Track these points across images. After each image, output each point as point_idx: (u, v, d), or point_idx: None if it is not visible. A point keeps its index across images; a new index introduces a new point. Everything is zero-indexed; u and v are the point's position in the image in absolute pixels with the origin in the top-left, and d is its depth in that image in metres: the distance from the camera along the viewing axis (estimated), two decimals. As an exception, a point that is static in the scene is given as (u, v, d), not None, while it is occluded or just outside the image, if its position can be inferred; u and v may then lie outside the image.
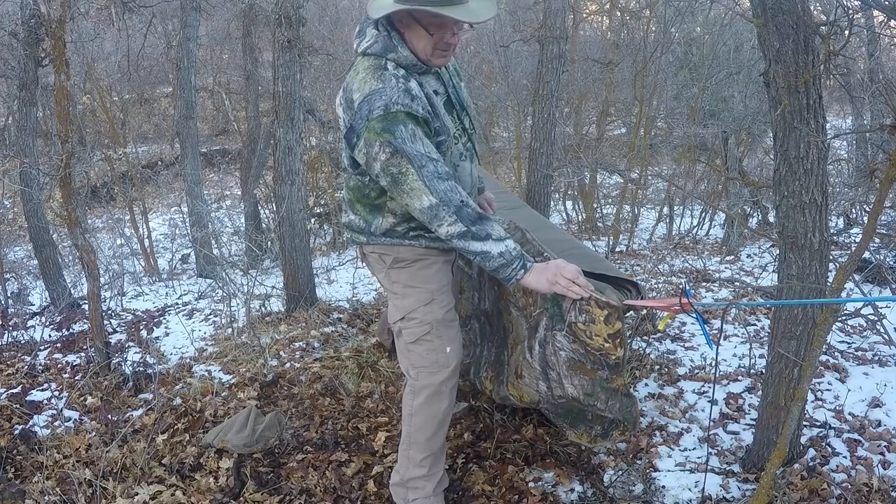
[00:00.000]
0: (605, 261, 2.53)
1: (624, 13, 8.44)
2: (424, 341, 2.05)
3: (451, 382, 2.08)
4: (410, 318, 2.05)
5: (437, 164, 1.79)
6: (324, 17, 10.73)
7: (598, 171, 7.77)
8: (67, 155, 3.27)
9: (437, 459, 2.16)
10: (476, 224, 1.78)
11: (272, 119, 5.39)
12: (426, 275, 2.03)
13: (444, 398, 2.08)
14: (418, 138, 1.78)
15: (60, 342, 4.03)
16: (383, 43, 1.85)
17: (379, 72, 1.82)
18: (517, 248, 1.81)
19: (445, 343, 2.04)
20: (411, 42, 1.86)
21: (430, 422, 2.09)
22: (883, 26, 5.38)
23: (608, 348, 1.85)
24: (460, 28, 1.89)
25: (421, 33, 1.83)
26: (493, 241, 1.78)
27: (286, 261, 4.52)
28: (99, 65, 10.48)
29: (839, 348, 3.20)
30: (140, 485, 2.40)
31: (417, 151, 1.76)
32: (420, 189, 1.76)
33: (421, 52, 1.87)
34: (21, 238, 7.59)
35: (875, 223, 1.77)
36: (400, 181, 1.77)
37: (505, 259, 1.79)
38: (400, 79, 1.82)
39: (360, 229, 2.06)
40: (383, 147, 1.75)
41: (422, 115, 1.81)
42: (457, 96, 2.01)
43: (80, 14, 7.09)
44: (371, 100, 1.76)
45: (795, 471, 2.24)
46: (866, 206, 5.16)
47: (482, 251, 1.79)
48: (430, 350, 2.05)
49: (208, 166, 11.82)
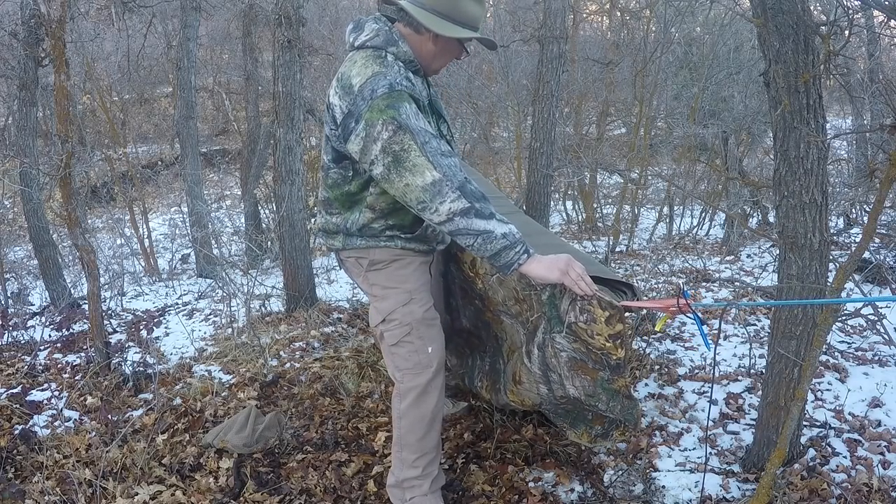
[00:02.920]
0: (599, 264, 2.54)
1: (624, 13, 8.44)
2: (406, 343, 2.04)
3: (436, 381, 2.07)
4: (390, 319, 2.04)
5: (440, 142, 1.78)
6: (324, 17, 10.73)
7: (598, 171, 7.77)
8: (67, 155, 3.27)
9: (431, 459, 2.15)
10: (480, 201, 1.74)
11: (272, 119, 5.39)
12: (403, 274, 2.03)
13: (430, 398, 2.08)
14: (420, 117, 1.78)
15: (60, 342, 4.03)
16: (385, 37, 1.88)
17: (380, 59, 1.84)
18: (520, 232, 1.77)
19: (427, 343, 2.04)
20: (417, 50, 1.93)
21: (419, 423, 2.09)
22: (883, 26, 5.38)
23: (609, 348, 1.85)
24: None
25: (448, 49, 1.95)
26: (496, 220, 1.73)
27: (286, 261, 4.52)
28: (99, 65, 10.48)
29: (839, 348, 3.20)
30: (140, 485, 2.40)
31: (421, 128, 1.75)
32: (424, 164, 1.72)
33: (434, 65, 1.97)
34: (21, 238, 7.59)
35: (875, 223, 1.77)
36: (402, 158, 1.73)
37: (508, 241, 1.73)
38: (398, 68, 1.86)
39: (335, 230, 2.05)
40: (386, 125, 1.73)
41: (422, 100, 1.85)
42: (437, 103, 2.05)
43: (80, 14, 7.10)
44: (375, 81, 1.77)
45: (795, 471, 2.24)
46: (866, 206, 5.17)
47: (485, 230, 1.72)
48: (412, 352, 2.04)
49: (208, 166, 11.82)
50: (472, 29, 1.91)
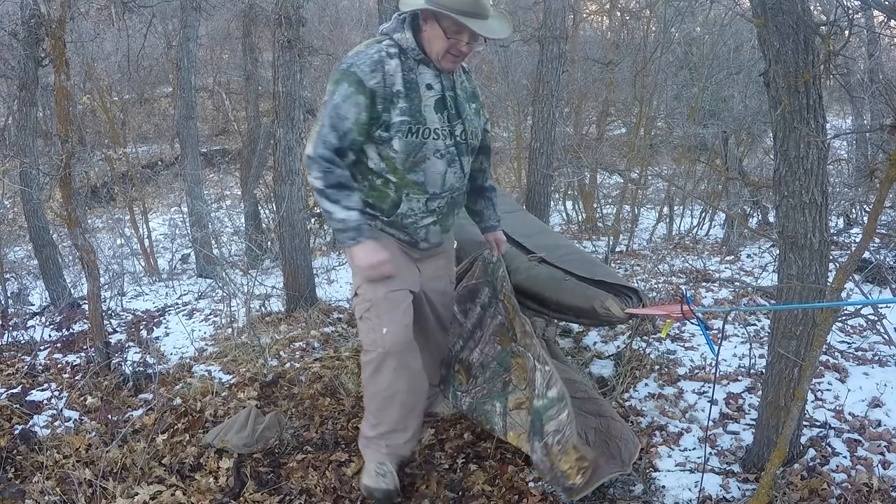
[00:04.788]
0: (605, 266, 2.54)
1: (624, 13, 8.43)
2: (366, 318, 2.18)
3: (389, 363, 2.16)
4: (358, 293, 2.20)
5: (340, 131, 1.98)
6: (324, 17, 10.74)
7: (598, 171, 7.76)
8: (67, 155, 3.27)
9: (387, 432, 2.26)
10: (333, 188, 2.00)
11: (272, 119, 5.39)
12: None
13: (383, 377, 2.18)
14: (351, 102, 1.97)
15: (60, 342, 4.03)
16: (394, 25, 2.07)
17: (370, 43, 2.07)
18: (358, 223, 2.02)
19: (383, 324, 2.14)
20: (428, 40, 2.05)
21: (375, 396, 2.24)
22: (883, 26, 5.37)
23: (569, 473, 1.94)
24: (475, 40, 2.06)
25: (439, 34, 2.02)
26: (341, 207, 2.01)
27: (286, 261, 4.52)
28: (99, 65, 10.46)
29: (839, 348, 3.20)
30: (140, 485, 2.40)
31: (336, 111, 1.97)
32: (313, 138, 2.01)
33: (434, 52, 2.05)
34: (21, 238, 7.58)
35: (875, 223, 1.77)
36: (313, 125, 2.03)
37: (342, 226, 2.02)
38: (381, 52, 2.02)
39: None
40: (327, 93, 2.01)
41: (371, 86, 1.98)
42: (454, 103, 2.14)
43: (80, 14, 7.09)
44: (347, 57, 2.04)
45: (795, 471, 2.24)
46: (866, 206, 5.16)
47: (328, 211, 2.02)
48: (369, 328, 2.18)
49: (208, 166, 11.80)
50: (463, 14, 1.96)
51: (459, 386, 2.58)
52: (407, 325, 2.19)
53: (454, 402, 2.63)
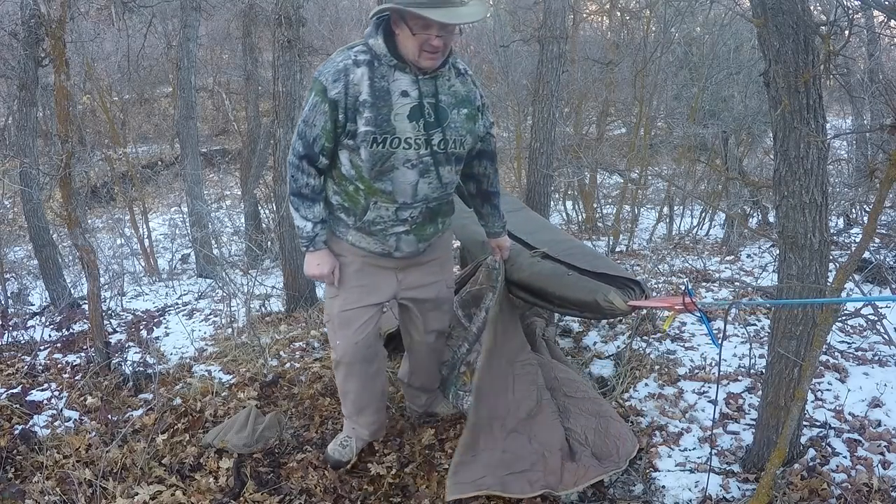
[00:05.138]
0: (608, 259, 2.53)
1: (624, 13, 8.43)
2: (327, 327, 2.43)
3: (340, 369, 2.39)
4: (324, 304, 2.41)
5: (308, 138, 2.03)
6: (324, 17, 10.75)
7: (598, 171, 7.76)
8: (67, 155, 3.27)
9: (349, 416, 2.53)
10: (294, 195, 2.12)
11: (272, 119, 5.39)
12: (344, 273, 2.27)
13: (339, 377, 2.42)
14: (318, 111, 2.00)
15: (60, 342, 4.03)
16: (369, 30, 2.02)
17: (344, 49, 2.04)
18: (315, 233, 2.14)
19: (336, 337, 2.34)
20: (402, 43, 1.96)
21: (340, 389, 2.48)
22: (883, 26, 5.38)
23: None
24: (447, 31, 1.94)
25: (408, 34, 1.93)
26: (299, 215, 2.14)
27: (286, 261, 4.52)
28: (99, 65, 10.47)
29: (839, 348, 3.20)
30: (140, 485, 2.40)
31: (304, 119, 2.03)
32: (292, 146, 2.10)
33: (409, 54, 1.96)
34: (21, 238, 7.59)
35: (875, 223, 1.77)
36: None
37: (298, 232, 2.18)
38: (348, 60, 1.98)
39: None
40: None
41: (332, 97, 1.96)
42: (434, 110, 2.02)
43: (80, 14, 7.10)
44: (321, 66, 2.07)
45: (795, 471, 2.24)
46: (866, 206, 5.17)
47: (291, 215, 2.19)
48: (329, 336, 2.42)
49: (208, 166, 11.81)
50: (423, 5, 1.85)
51: (462, 386, 2.59)
52: (357, 342, 2.30)
53: (455, 401, 2.64)
